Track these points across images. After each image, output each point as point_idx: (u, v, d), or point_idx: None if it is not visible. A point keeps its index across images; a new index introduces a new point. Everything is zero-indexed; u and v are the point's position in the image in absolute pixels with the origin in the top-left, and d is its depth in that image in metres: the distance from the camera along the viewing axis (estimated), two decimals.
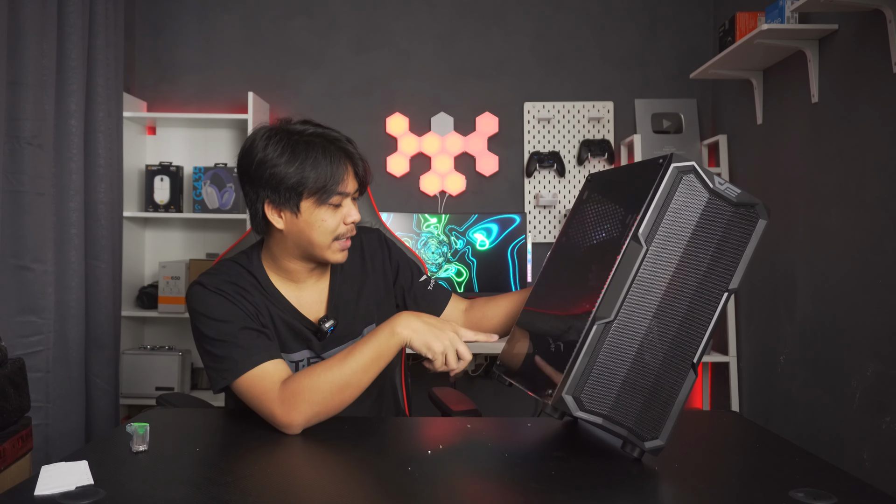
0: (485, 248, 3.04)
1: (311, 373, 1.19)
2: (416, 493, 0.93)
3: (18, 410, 1.83)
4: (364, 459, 1.07)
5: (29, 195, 2.29)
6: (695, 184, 1.01)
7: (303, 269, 1.38)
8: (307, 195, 1.28)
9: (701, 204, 1.01)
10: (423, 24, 3.32)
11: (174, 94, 3.32)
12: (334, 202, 1.30)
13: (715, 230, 1.01)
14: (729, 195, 1.01)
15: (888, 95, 1.95)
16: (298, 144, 1.29)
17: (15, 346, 2.23)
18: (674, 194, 1.00)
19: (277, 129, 1.32)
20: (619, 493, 0.94)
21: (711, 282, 1.01)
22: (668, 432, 1.00)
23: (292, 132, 1.31)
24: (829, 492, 0.88)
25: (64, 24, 2.46)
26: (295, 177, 1.27)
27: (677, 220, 1.00)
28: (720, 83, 3.11)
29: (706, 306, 1.01)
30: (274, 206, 1.30)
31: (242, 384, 1.22)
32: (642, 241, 0.99)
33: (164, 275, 3.04)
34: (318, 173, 1.27)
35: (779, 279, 2.56)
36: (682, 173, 1.01)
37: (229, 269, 1.36)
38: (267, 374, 1.21)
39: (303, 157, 1.28)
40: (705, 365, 3.20)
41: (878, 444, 1.96)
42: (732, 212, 1.01)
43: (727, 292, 1.01)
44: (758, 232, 1.02)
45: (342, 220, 1.32)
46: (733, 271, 1.01)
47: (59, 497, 0.87)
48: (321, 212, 1.30)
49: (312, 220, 1.30)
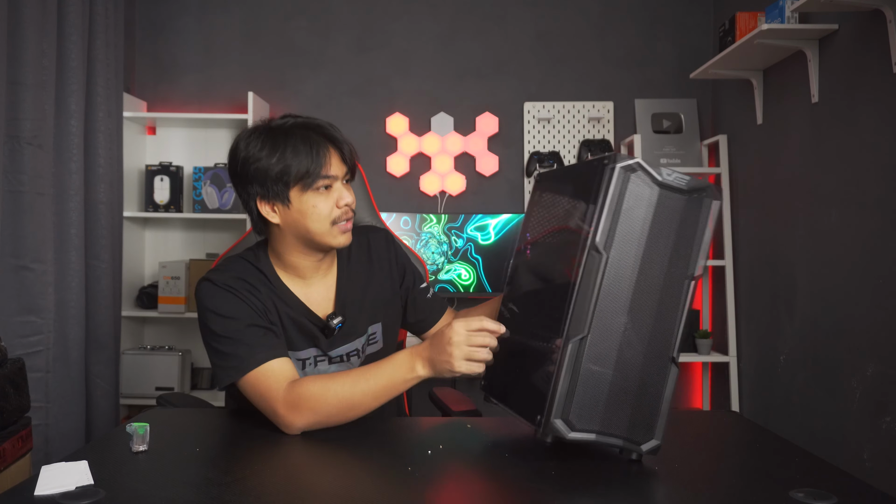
0: (489, 241, 3.04)
1: (322, 382, 1.18)
2: (416, 493, 0.93)
3: (18, 410, 1.83)
4: (364, 459, 1.07)
5: (29, 195, 2.28)
6: (643, 180, 0.99)
7: (309, 264, 1.38)
8: (293, 183, 1.29)
9: (653, 198, 0.99)
10: (423, 24, 3.32)
11: (174, 94, 3.32)
12: (322, 185, 1.29)
13: (671, 221, 1.00)
14: (679, 184, 1.00)
15: (888, 95, 1.95)
16: (278, 136, 1.30)
17: (15, 346, 2.23)
18: (625, 194, 0.99)
19: (258, 126, 1.34)
20: (618, 493, 0.94)
21: (676, 273, 1.00)
22: (662, 430, 1.00)
23: (272, 127, 1.32)
24: (829, 492, 0.88)
25: (64, 24, 2.46)
26: (278, 167, 1.28)
27: (632, 219, 0.99)
28: (720, 83, 3.11)
29: (673, 298, 1.00)
30: (265, 200, 1.31)
31: (248, 382, 1.22)
32: (601, 250, 0.98)
33: (164, 275, 3.04)
34: (300, 160, 1.28)
35: (779, 279, 2.56)
36: (629, 172, 0.99)
37: (237, 264, 1.36)
38: (273, 372, 1.22)
39: (282, 146, 1.28)
40: (705, 365, 3.20)
41: (878, 444, 1.96)
42: (686, 200, 1.00)
43: (690, 280, 1.00)
44: (713, 215, 1.01)
45: (335, 203, 1.31)
46: (695, 258, 1.00)
47: (59, 497, 0.87)
48: (311, 198, 1.29)
49: (304, 209, 1.30)
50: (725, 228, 2.97)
